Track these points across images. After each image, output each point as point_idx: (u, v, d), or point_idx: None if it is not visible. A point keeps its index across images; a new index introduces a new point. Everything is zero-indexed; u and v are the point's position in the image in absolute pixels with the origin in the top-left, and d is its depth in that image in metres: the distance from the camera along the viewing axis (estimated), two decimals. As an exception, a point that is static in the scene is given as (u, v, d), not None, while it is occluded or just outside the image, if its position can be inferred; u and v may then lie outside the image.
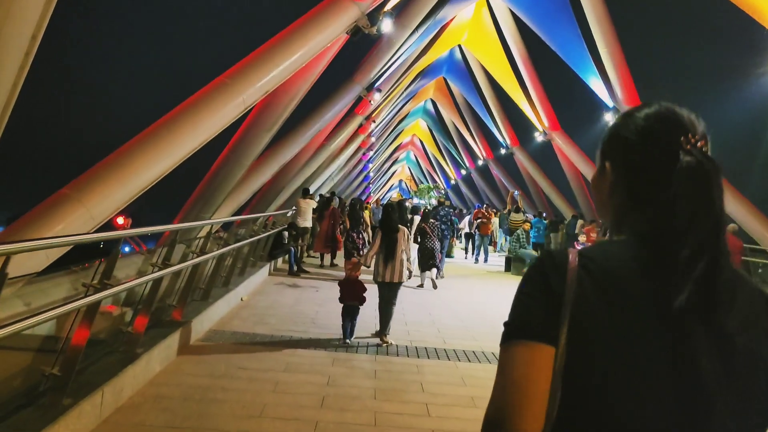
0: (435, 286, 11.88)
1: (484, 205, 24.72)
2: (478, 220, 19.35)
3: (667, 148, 1.04)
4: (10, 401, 3.66)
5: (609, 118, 21.70)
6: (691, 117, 1.08)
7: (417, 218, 13.96)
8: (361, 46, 19.56)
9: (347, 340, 6.98)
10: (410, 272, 7.63)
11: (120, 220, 16.65)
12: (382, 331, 7.19)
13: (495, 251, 22.46)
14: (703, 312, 0.94)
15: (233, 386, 5.14)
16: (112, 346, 4.92)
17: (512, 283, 14.38)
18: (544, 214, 25.05)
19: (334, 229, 14.43)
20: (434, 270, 12.14)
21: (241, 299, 9.20)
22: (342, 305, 7.18)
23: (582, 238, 16.75)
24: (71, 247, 3.92)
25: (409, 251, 7.67)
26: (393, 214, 7.79)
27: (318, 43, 10.99)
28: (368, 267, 7.62)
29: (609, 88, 20.99)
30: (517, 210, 20.77)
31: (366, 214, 15.74)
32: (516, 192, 27.63)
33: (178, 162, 8.72)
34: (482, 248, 19.32)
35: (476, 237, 19.57)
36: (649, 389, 0.92)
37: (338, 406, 4.87)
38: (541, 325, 0.97)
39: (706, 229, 0.97)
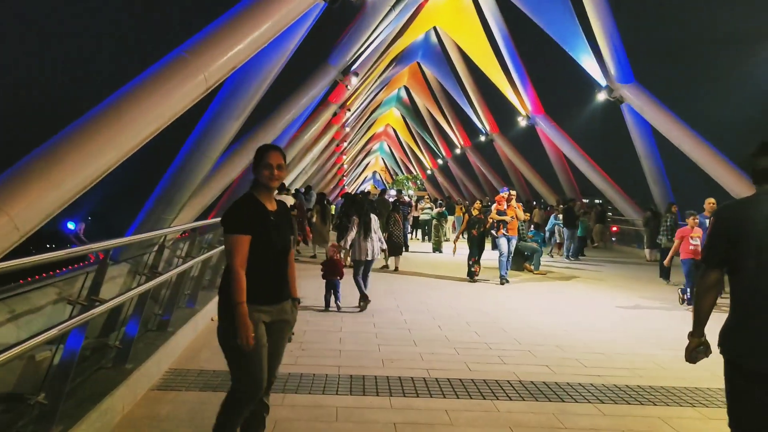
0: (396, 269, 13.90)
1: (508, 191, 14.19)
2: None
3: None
4: None
5: (602, 97, 20.40)
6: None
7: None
8: (336, 26, 17.95)
9: (329, 309, 8.67)
10: (383, 251, 10.21)
11: (71, 225, 14.67)
12: (365, 295, 8.91)
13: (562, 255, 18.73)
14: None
15: (201, 469, 3.57)
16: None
17: (519, 280, 12.98)
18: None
19: (302, 222, 15.79)
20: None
21: (212, 319, 7.59)
22: (325, 282, 8.78)
23: None
24: None
25: (380, 233, 9.36)
26: (365, 204, 9.72)
27: (290, 11, 9.32)
28: (347, 249, 9.51)
29: (602, 66, 19.61)
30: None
31: (332, 208, 19.03)
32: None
33: (126, 155, 7.00)
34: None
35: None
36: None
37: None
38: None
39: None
